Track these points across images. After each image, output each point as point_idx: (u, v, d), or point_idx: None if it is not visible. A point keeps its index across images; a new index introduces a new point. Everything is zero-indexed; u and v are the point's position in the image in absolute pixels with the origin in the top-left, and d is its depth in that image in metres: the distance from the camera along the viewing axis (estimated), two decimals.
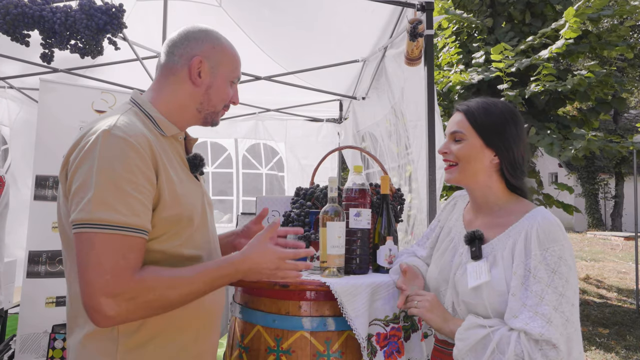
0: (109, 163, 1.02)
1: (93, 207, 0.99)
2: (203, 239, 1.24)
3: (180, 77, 1.23)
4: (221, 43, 1.27)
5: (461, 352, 1.17)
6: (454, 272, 1.31)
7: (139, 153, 1.05)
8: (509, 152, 1.28)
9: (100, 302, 0.96)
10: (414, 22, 2.32)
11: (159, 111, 1.22)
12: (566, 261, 1.14)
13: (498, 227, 1.27)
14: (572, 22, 5.53)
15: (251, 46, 4.26)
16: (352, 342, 1.42)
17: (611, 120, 17.34)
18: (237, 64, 1.30)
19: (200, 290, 1.10)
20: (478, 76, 6.12)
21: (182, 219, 1.15)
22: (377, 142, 3.97)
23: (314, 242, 1.66)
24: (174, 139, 1.24)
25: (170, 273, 1.07)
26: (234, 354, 1.58)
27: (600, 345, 4.98)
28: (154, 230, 1.09)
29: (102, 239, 0.98)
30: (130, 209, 1.01)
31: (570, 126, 6.06)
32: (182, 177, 1.21)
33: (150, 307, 1.04)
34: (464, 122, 1.32)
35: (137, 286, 1.00)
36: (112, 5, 2.30)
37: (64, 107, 3.38)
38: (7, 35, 2.24)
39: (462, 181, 1.35)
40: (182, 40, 1.25)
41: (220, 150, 5.71)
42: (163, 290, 1.04)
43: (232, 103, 1.33)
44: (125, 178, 1.02)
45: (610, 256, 11.01)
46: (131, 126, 1.09)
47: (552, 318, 1.09)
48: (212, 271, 1.12)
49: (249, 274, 1.18)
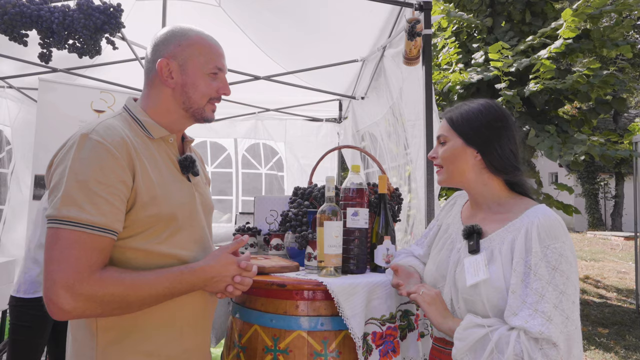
0: (81, 164, 1.06)
1: (61, 204, 1.03)
2: (189, 239, 1.24)
3: (156, 82, 1.25)
4: (188, 38, 1.25)
5: (460, 351, 1.17)
6: (453, 269, 1.30)
7: (113, 155, 1.09)
8: (491, 148, 1.29)
9: (58, 295, 0.99)
10: (412, 21, 2.33)
11: (149, 115, 1.25)
12: (567, 258, 1.13)
13: (497, 222, 1.27)
14: (570, 21, 5.53)
15: (250, 46, 4.26)
16: (349, 341, 1.42)
17: (611, 120, 17.33)
18: (212, 54, 1.27)
19: (160, 295, 1.11)
20: (477, 75, 6.12)
21: (162, 218, 1.16)
22: (376, 141, 3.97)
23: (312, 241, 1.66)
24: (163, 141, 1.26)
25: (131, 275, 1.08)
26: (232, 353, 1.58)
27: (599, 345, 4.98)
28: (131, 228, 1.12)
29: (66, 235, 1.01)
30: (97, 209, 1.04)
31: (569, 131, 6.05)
32: (168, 178, 1.22)
33: (108, 306, 1.05)
34: (446, 126, 1.37)
35: (96, 284, 1.02)
36: (109, 4, 2.30)
37: (63, 107, 3.38)
38: (5, 34, 2.25)
39: (451, 182, 1.37)
40: (152, 45, 1.27)
41: (219, 150, 5.72)
42: (122, 291, 1.05)
43: (222, 94, 1.30)
44: (95, 179, 1.05)
45: (610, 256, 11.01)
46: (110, 130, 1.12)
47: (553, 316, 1.08)
48: (173, 277, 1.13)
49: (210, 283, 1.19)
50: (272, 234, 1.97)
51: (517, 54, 6.25)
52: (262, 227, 2.12)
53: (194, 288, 1.18)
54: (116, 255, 1.12)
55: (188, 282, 1.15)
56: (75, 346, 1.15)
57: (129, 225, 1.11)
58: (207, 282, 1.19)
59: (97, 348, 1.12)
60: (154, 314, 1.15)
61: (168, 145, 1.27)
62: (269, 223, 2.11)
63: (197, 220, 1.29)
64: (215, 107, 1.32)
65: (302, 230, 1.83)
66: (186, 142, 1.37)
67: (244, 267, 1.23)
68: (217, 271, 1.19)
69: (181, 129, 1.32)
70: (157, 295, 1.11)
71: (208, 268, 1.19)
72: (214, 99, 1.29)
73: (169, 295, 1.13)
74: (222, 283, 1.21)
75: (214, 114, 1.32)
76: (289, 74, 4.33)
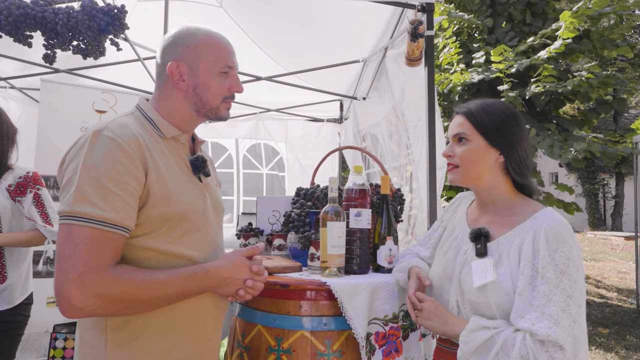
0: (94, 161, 1.05)
1: (73, 200, 1.02)
2: (202, 240, 1.23)
3: (167, 85, 1.24)
4: (196, 39, 1.23)
5: (465, 354, 1.17)
6: (459, 271, 1.31)
7: (126, 152, 1.08)
8: (513, 150, 1.28)
9: (69, 292, 0.97)
10: (415, 22, 2.33)
11: (161, 115, 1.24)
12: (574, 262, 1.14)
13: (504, 225, 1.27)
14: (568, 23, 5.54)
15: (252, 46, 4.27)
16: (352, 341, 1.43)
17: (611, 120, 17.33)
18: (221, 53, 1.25)
19: (172, 295, 1.10)
20: (478, 76, 6.13)
21: (173, 217, 1.14)
22: (377, 142, 3.98)
23: (314, 242, 1.67)
24: (174, 141, 1.25)
25: (144, 274, 1.07)
26: (235, 353, 1.59)
27: (600, 345, 4.99)
28: (143, 226, 1.11)
29: (79, 231, 1.00)
30: (110, 205, 1.03)
31: (570, 129, 6.06)
32: (180, 177, 1.21)
33: (120, 305, 1.04)
34: (466, 124, 1.32)
35: (108, 282, 1.01)
36: (113, 6, 2.30)
37: (65, 107, 3.39)
38: (9, 36, 2.25)
39: (466, 182, 1.35)
40: (160, 49, 1.26)
41: (221, 150, 5.72)
42: (134, 289, 1.04)
43: (234, 92, 1.29)
44: (108, 175, 1.04)
45: (611, 256, 11.01)
46: (122, 127, 1.12)
47: (560, 319, 1.08)
48: (186, 276, 1.12)
49: (222, 285, 1.18)
50: (275, 234, 1.98)
51: (518, 54, 6.25)
52: (265, 228, 2.13)
53: (206, 289, 1.17)
54: (127, 254, 1.10)
55: (200, 283, 1.14)
56: (84, 347, 1.14)
57: (140, 224, 1.10)
58: (219, 283, 1.17)
59: (106, 349, 1.10)
60: (165, 315, 1.14)
61: (179, 145, 1.27)
62: (271, 223, 2.12)
63: (209, 221, 1.28)
64: (231, 105, 1.31)
65: (304, 230, 1.83)
66: (197, 143, 1.36)
67: (256, 271, 1.22)
68: (230, 273, 1.18)
69: (193, 128, 1.32)
70: (169, 295, 1.10)
71: (221, 269, 1.17)
72: (228, 97, 1.28)
73: (181, 296, 1.12)
74: (233, 286, 1.19)
75: (229, 112, 1.31)
76: (290, 75, 4.33)
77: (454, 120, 1.37)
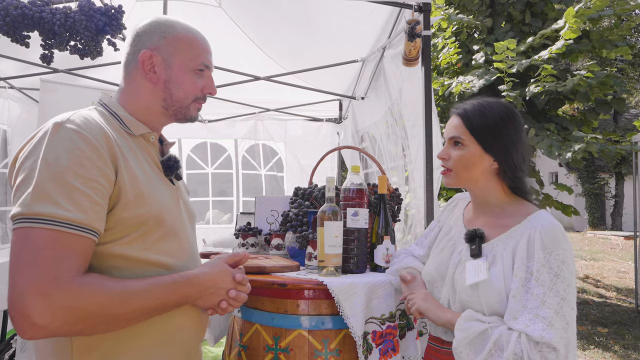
0: (55, 155, 0.91)
1: (31, 199, 0.87)
2: (179, 246, 1.11)
3: (136, 76, 1.14)
4: (174, 31, 1.15)
5: (460, 343, 1.17)
6: (453, 271, 1.31)
7: (93, 146, 0.95)
8: (508, 157, 1.28)
9: (30, 306, 0.81)
10: (412, 22, 2.34)
11: (127, 111, 1.13)
12: (568, 265, 1.15)
13: (499, 227, 1.28)
14: (572, 22, 5.53)
15: (251, 46, 4.27)
16: (349, 340, 1.44)
17: (611, 120, 17.33)
18: (199, 50, 1.17)
19: (150, 307, 0.96)
20: (479, 81, 6.10)
21: (148, 220, 1.02)
22: (375, 142, 3.98)
23: (312, 241, 1.68)
24: (144, 139, 1.15)
25: (117, 283, 0.93)
26: (233, 352, 1.59)
27: (599, 344, 4.99)
28: (114, 231, 0.97)
29: (39, 234, 0.85)
30: (76, 205, 0.89)
31: (569, 128, 6.06)
32: (152, 178, 1.10)
33: (90, 320, 0.88)
34: (462, 127, 1.31)
35: (75, 293, 0.86)
36: (111, 6, 2.31)
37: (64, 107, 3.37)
38: (7, 36, 2.26)
39: (458, 185, 1.36)
40: (132, 35, 1.16)
41: (220, 151, 5.75)
42: (107, 301, 0.89)
43: (207, 93, 1.19)
44: (72, 171, 0.90)
45: (610, 255, 11.02)
46: (88, 120, 1.00)
47: (553, 321, 1.09)
48: (166, 286, 0.99)
49: (205, 295, 1.06)
50: (273, 233, 1.98)
51: (518, 54, 6.25)
52: (263, 227, 2.14)
53: (188, 300, 1.04)
54: (95, 263, 0.95)
55: (181, 293, 1.02)
56: None
57: (110, 228, 0.96)
58: (202, 293, 1.05)
59: None
60: (141, 336, 1.00)
61: (149, 144, 1.16)
62: (269, 223, 2.12)
63: (185, 226, 1.17)
64: (201, 106, 1.22)
65: (302, 230, 1.84)
66: (166, 145, 1.24)
67: (239, 280, 1.11)
68: (213, 281, 1.07)
69: (161, 126, 1.22)
70: (147, 307, 0.96)
71: (203, 277, 1.06)
72: (200, 98, 1.19)
73: (160, 308, 0.99)
74: (216, 296, 1.08)
75: (198, 112, 1.22)
76: (289, 74, 4.34)
77: (450, 120, 1.37)
